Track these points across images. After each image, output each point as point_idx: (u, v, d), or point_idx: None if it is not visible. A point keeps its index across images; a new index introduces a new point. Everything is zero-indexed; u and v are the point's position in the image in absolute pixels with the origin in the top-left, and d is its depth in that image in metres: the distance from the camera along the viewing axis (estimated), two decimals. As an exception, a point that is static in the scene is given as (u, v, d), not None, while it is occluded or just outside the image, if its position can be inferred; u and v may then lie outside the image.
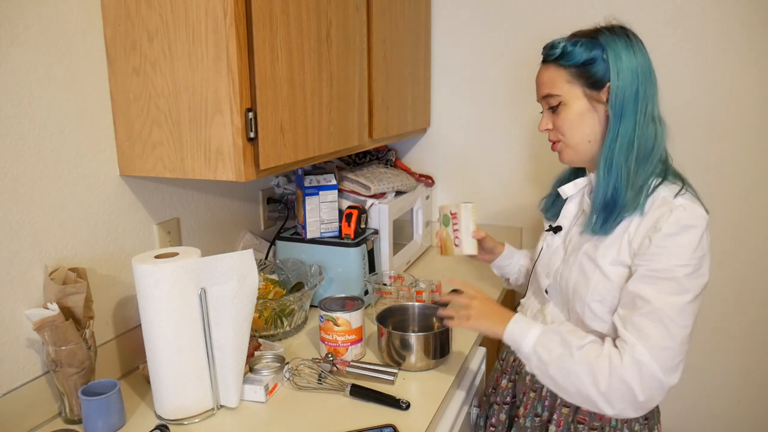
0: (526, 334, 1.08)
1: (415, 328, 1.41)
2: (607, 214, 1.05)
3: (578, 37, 1.06)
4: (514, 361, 1.23)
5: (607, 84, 1.03)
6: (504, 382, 1.25)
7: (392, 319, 1.39)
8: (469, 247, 1.36)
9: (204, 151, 1.13)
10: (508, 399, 1.25)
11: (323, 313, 1.31)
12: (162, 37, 1.11)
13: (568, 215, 1.19)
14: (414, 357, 1.27)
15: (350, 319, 1.30)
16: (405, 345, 1.27)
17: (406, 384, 1.23)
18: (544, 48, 1.09)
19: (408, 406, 1.13)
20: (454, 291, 1.59)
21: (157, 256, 1.08)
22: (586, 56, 1.03)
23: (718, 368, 1.97)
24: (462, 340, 1.42)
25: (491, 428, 1.27)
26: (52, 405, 1.12)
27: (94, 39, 1.15)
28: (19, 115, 1.04)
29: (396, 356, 1.28)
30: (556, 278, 1.15)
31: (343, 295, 1.41)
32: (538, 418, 1.17)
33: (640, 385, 0.97)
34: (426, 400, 1.16)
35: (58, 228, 1.13)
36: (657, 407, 1.14)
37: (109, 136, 1.21)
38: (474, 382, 1.38)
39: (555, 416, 1.13)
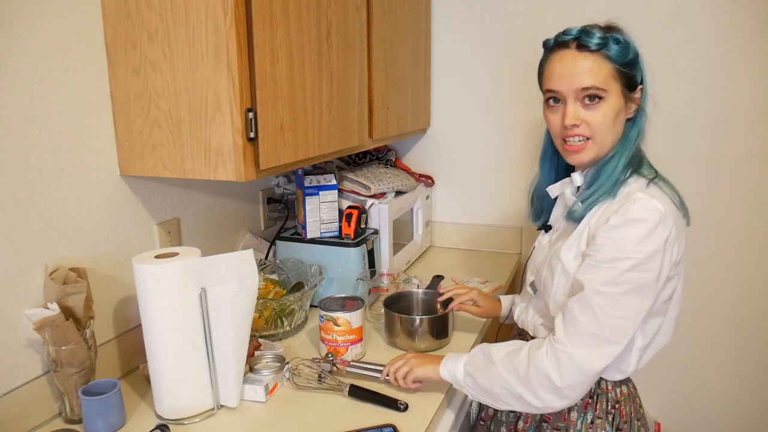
0: (457, 364, 1.10)
1: (419, 313, 1.48)
2: (589, 198, 1.04)
3: (609, 30, 1.01)
4: None
5: (639, 86, 1.02)
6: None
7: (397, 305, 1.46)
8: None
9: (204, 151, 1.13)
10: None
11: (323, 313, 1.31)
12: (162, 37, 1.11)
13: (557, 215, 1.18)
14: (419, 338, 1.36)
15: (350, 319, 1.30)
16: (413, 327, 1.36)
17: (406, 384, 1.23)
18: (570, 34, 1.00)
19: (406, 407, 1.13)
20: (437, 276, 1.62)
21: (157, 256, 1.08)
22: (633, 54, 1.00)
23: (717, 367, 1.97)
24: (463, 341, 1.42)
25: (481, 422, 1.29)
26: (52, 405, 1.12)
27: (94, 39, 1.15)
28: (20, 115, 1.04)
29: (406, 338, 1.36)
30: (537, 275, 1.15)
31: (343, 295, 1.41)
32: (513, 413, 1.18)
33: (558, 369, 0.96)
34: (426, 400, 1.16)
35: (58, 228, 1.13)
36: (634, 414, 1.12)
37: (109, 136, 1.21)
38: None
39: (523, 413, 1.14)
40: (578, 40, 0.99)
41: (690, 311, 1.94)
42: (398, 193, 1.87)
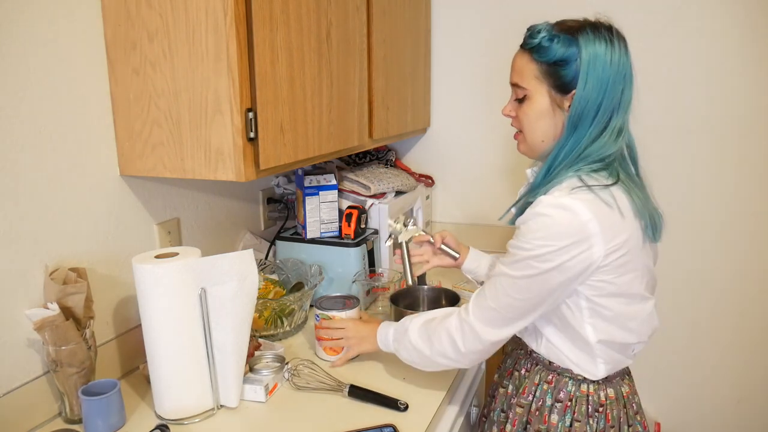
0: (387, 336, 1.21)
1: (424, 308, 1.51)
2: (524, 205, 1.06)
3: (559, 30, 1.01)
4: (506, 362, 1.26)
5: (573, 91, 0.99)
6: (496, 377, 1.28)
7: (403, 302, 1.49)
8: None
9: (204, 151, 1.13)
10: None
11: (319, 311, 1.32)
12: (162, 37, 1.11)
13: None
14: None
15: (346, 317, 1.30)
16: None
17: (407, 383, 1.23)
18: (527, 30, 1.05)
19: (406, 407, 1.13)
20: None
21: (157, 256, 1.08)
22: (560, 55, 0.99)
23: (717, 367, 1.97)
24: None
25: (483, 418, 1.29)
26: (52, 405, 1.12)
27: (94, 39, 1.15)
28: (20, 115, 1.04)
29: None
30: None
31: (339, 294, 1.42)
32: (504, 414, 1.19)
33: (462, 336, 1.06)
34: (426, 400, 1.16)
35: (59, 228, 1.13)
36: (624, 418, 1.10)
37: (109, 136, 1.21)
38: (474, 382, 1.38)
39: (510, 414, 1.16)
40: (524, 37, 1.06)
41: (690, 311, 1.94)
42: (398, 193, 1.87)
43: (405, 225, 1.42)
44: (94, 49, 1.16)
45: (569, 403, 1.09)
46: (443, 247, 1.42)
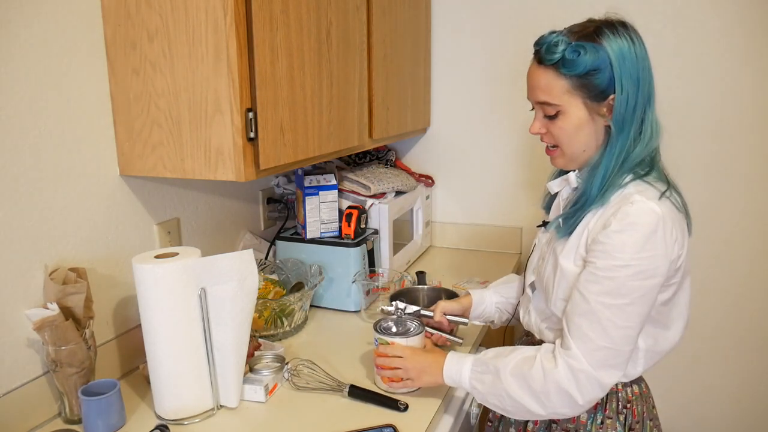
0: (460, 374, 1.09)
1: (425, 308, 1.44)
2: (574, 215, 1.03)
3: (578, 38, 0.96)
4: None
5: (611, 96, 0.97)
6: None
7: (404, 301, 1.42)
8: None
9: (204, 151, 1.13)
10: None
11: (377, 336, 1.20)
12: (162, 37, 1.11)
13: (554, 213, 1.17)
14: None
15: (406, 344, 1.18)
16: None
17: (406, 384, 1.23)
18: (539, 45, 0.99)
19: (406, 407, 1.13)
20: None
21: (157, 256, 1.08)
22: (591, 65, 0.95)
23: (717, 368, 1.97)
24: (467, 336, 1.42)
25: (488, 423, 1.28)
26: (52, 405, 1.12)
27: (94, 39, 1.15)
28: (19, 115, 1.04)
29: None
30: (539, 276, 1.14)
31: (396, 316, 1.28)
32: None
33: (578, 389, 0.97)
34: (426, 400, 1.16)
35: (58, 228, 1.13)
36: (647, 414, 1.13)
37: (109, 136, 1.21)
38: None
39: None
40: (538, 53, 1.01)
41: (690, 312, 1.94)
42: (398, 193, 1.87)
43: (399, 309, 1.30)
44: (94, 48, 1.16)
45: (599, 402, 1.08)
46: (450, 318, 1.32)
